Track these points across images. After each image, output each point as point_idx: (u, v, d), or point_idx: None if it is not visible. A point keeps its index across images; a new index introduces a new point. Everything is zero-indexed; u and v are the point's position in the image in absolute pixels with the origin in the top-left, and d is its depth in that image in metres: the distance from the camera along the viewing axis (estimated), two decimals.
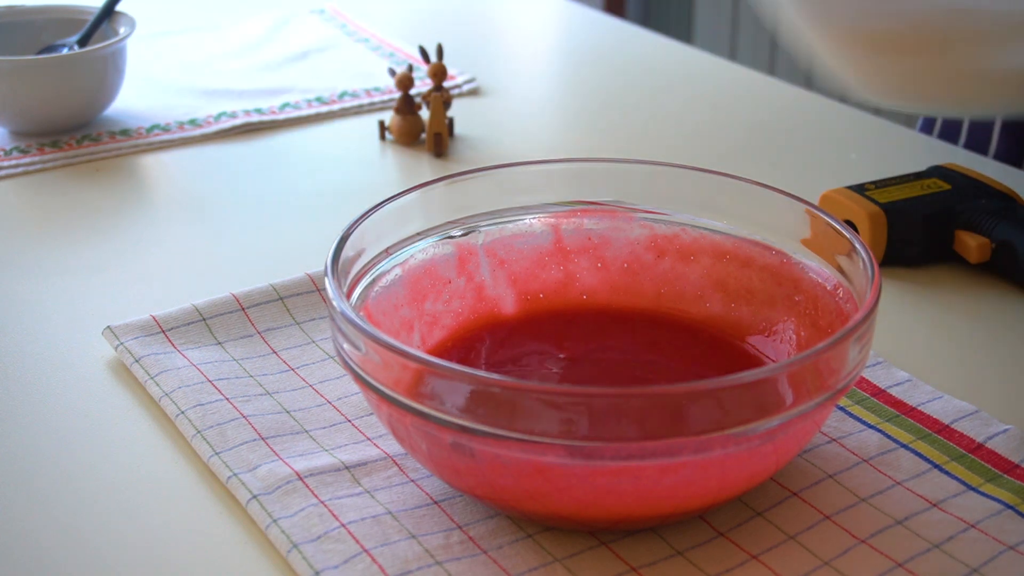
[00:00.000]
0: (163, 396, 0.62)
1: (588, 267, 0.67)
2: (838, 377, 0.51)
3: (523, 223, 0.66)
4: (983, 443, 0.58)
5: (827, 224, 0.60)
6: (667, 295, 0.66)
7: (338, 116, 1.02)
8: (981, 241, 0.74)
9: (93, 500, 0.57)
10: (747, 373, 0.48)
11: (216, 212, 0.86)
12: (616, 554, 0.52)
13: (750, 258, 0.64)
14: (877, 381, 0.63)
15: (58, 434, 0.61)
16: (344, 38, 1.19)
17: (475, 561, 0.52)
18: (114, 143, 0.95)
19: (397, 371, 0.50)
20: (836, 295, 0.59)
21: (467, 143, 0.96)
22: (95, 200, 0.87)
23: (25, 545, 0.54)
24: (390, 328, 0.60)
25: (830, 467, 0.57)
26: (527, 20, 1.36)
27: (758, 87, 1.12)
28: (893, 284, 0.75)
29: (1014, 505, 0.55)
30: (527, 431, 0.48)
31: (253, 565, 0.53)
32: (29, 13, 1.02)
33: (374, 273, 0.61)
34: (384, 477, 0.57)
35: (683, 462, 0.49)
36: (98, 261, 0.79)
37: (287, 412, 0.61)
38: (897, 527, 0.54)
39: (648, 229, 0.66)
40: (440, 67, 0.95)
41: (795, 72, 2.17)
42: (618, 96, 1.09)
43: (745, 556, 0.52)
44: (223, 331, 0.68)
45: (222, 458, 0.58)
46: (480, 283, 0.65)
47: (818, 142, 0.98)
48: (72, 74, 0.94)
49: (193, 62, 1.13)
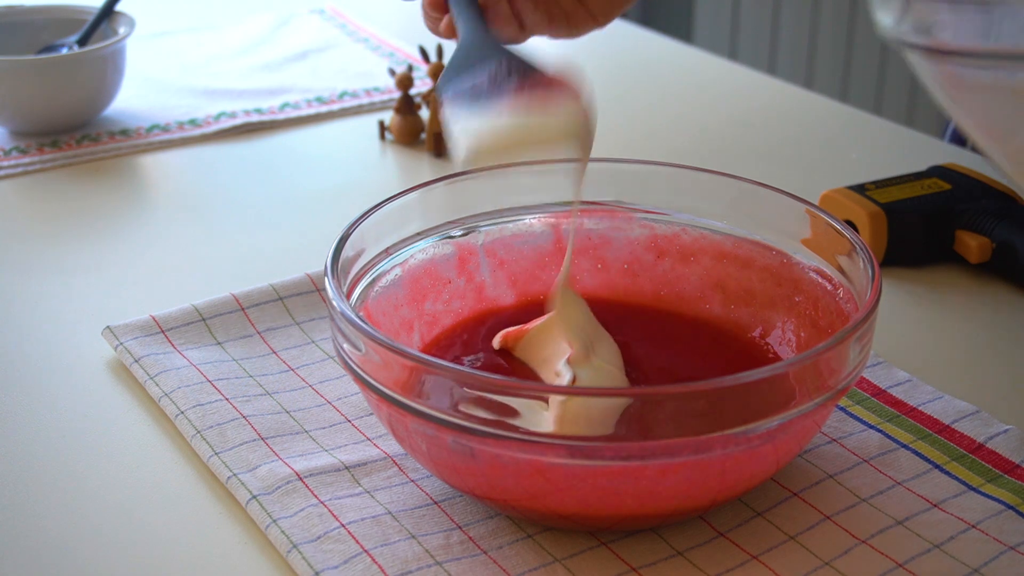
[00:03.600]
0: (163, 396, 0.62)
1: (588, 267, 0.67)
2: (838, 377, 0.51)
3: (523, 223, 0.66)
4: (983, 443, 0.58)
5: (827, 224, 0.60)
6: (667, 296, 0.66)
7: (338, 116, 1.02)
8: (981, 241, 0.74)
9: (93, 500, 0.57)
10: (747, 373, 0.48)
11: (216, 212, 0.86)
12: (616, 554, 0.52)
13: (750, 258, 0.64)
14: (877, 381, 0.63)
15: (58, 434, 0.61)
16: (344, 38, 1.19)
17: (475, 561, 0.52)
18: (114, 143, 0.95)
19: (397, 371, 0.50)
20: (836, 295, 0.59)
21: None
22: (95, 200, 0.87)
23: (25, 545, 0.54)
24: (390, 328, 0.60)
25: (830, 467, 0.57)
26: None
27: (758, 87, 1.11)
28: (893, 284, 0.75)
29: (1014, 505, 0.55)
30: (527, 431, 0.48)
31: (253, 565, 0.53)
32: (29, 13, 1.02)
33: (374, 273, 0.61)
34: (384, 477, 0.57)
35: (683, 462, 0.49)
36: (98, 261, 0.79)
37: (287, 412, 0.61)
38: (897, 527, 0.54)
39: (648, 229, 0.66)
40: (440, 67, 0.95)
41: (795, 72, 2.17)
42: (618, 96, 1.09)
43: (745, 556, 0.52)
44: (223, 331, 0.68)
45: (222, 458, 0.58)
46: (480, 283, 0.65)
47: (818, 142, 0.98)
48: (72, 74, 0.94)
49: (193, 62, 1.13)
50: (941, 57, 0.47)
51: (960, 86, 0.47)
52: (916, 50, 0.48)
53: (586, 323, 0.59)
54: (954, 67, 0.47)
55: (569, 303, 0.60)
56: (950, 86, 0.48)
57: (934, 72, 0.48)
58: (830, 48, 2.10)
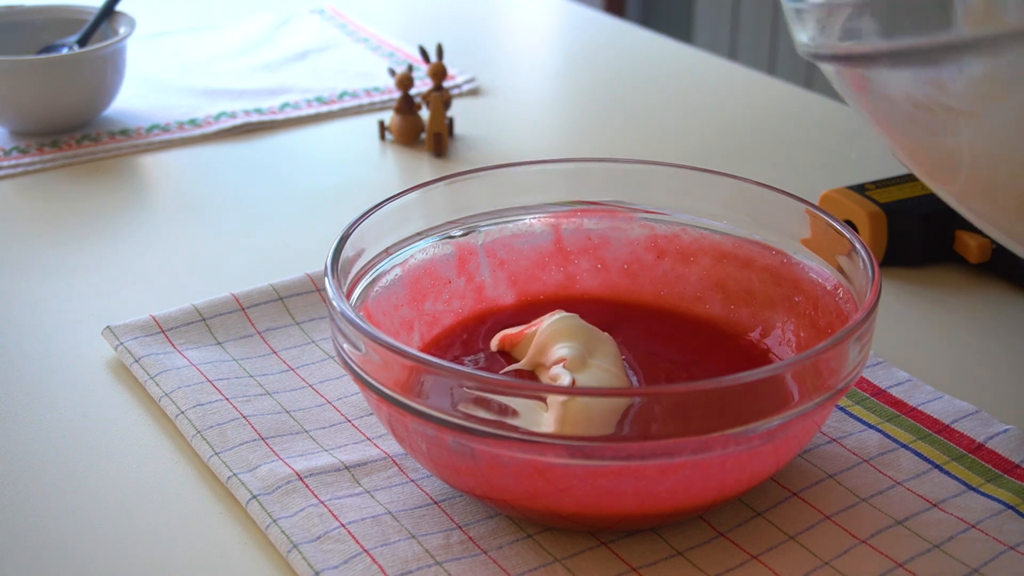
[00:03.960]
0: (163, 396, 0.62)
1: (588, 267, 0.67)
2: (838, 377, 0.51)
3: (523, 223, 0.66)
4: (983, 443, 0.58)
5: (827, 224, 0.60)
6: (667, 296, 0.66)
7: (338, 116, 1.02)
8: (981, 241, 0.74)
9: (93, 500, 0.57)
10: (747, 373, 0.48)
11: (216, 212, 0.86)
12: (616, 554, 0.52)
13: (750, 258, 0.64)
14: (877, 381, 0.63)
15: (58, 434, 0.61)
16: (344, 38, 1.19)
17: (475, 561, 0.52)
18: (114, 143, 0.95)
19: (397, 371, 0.50)
20: (836, 295, 0.59)
21: (467, 143, 0.96)
22: (95, 200, 0.87)
23: (25, 545, 0.54)
24: (390, 328, 0.60)
25: (830, 467, 0.57)
26: (527, 20, 1.36)
27: (758, 87, 1.12)
28: (893, 284, 0.75)
29: (1014, 505, 0.55)
30: (527, 431, 0.48)
31: (253, 565, 0.53)
32: (29, 13, 1.02)
33: (374, 273, 0.61)
34: (384, 477, 0.57)
35: (683, 462, 0.49)
36: (98, 261, 0.79)
37: (287, 412, 0.61)
38: (897, 527, 0.54)
39: (648, 229, 0.66)
40: (440, 67, 0.95)
41: (795, 72, 2.17)
42: (618, 96, 1.09)
43: (745, 556, 0.52)
44: (223, 331, 0.68)
45: (222, 458, 0.58)
46: (480, 283, 0.65)
47: (818, 142, 0.98)
48: (72, 74, 0.94)
49: (193, 62, 1.13)
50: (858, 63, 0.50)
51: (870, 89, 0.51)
52: (832, 61, 0.51)
53: (578, 332, 0.59)
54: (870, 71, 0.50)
55: (558, 320, 0.59)
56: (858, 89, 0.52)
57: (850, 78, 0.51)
58: None
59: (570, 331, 0.58)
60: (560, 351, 0.57)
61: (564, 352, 0.57)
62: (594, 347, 0.58)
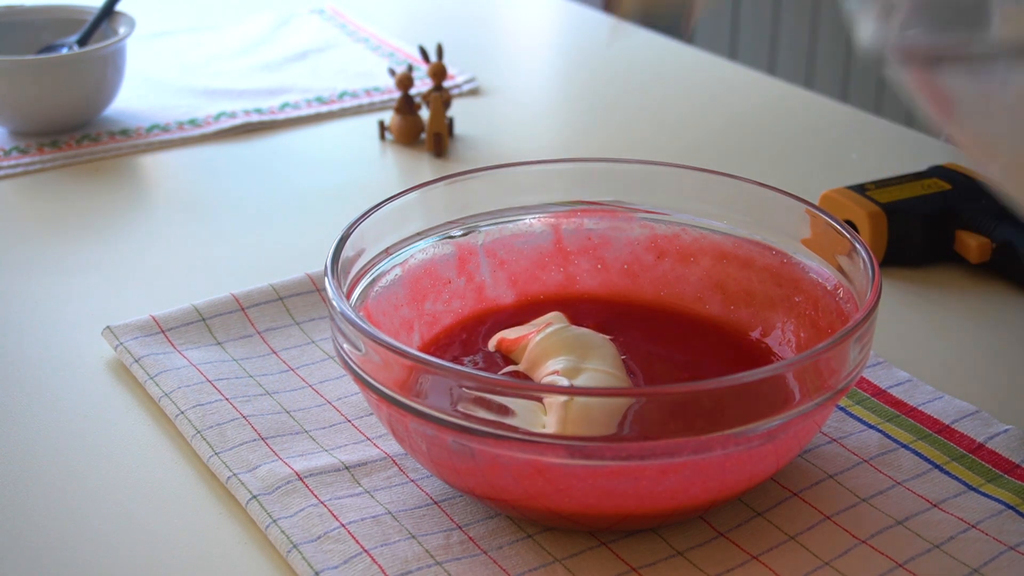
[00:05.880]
0: (163, 396, 0.62)
1: (588, 267, 0.67)
2: (838, 377, 0.51)
3: (523, 223, 0.66)
4: (983, 443, 0.58)
5: (827, 224, 0.60)
6: (667, 296, 0.66)
7: (338, 116, 1.02)
8: (981, 241, 0.74)
9: (93, 500, 0.57)
10: (747, 373, 0.48)
11: (216, 212, 0.86)
12: (616, 554, 0.52)
13: (750, 259, 0.64)
14: (877, 381, 0.63)
15: (58, 434, 0.61)
16: (344, 38, 1.19)
17: (475, 561, 0.52)
18: (114, 143, 0.95)
19: (397, 371, 0.50)
20: (836, 295, 0.59)
21: (467, 143, 0.96)
22: (95, 200, 0.87)
23: (25, 545, 0.54)
24: (390, 328, 0.60)
25: (830, 467, 0.57)
26: (527, 20, 1.36)
27: (758, 87, 1.11)
28: (893, 284, 0.75)
29: (1014, 505, 0.55)
30: (527, 431, 0.48)
31: (253, 565, 0.53)
32: (29, 13, 1.02)
33: (374, 273, 0.61)
34: (384, 477, 0.57)
35: (683, 462, 0.49)
36: (98, 261, 0.79)
37: (287, 412, 0.61)
38: (897, 527, 0.54)
39: (648, 229, 0.66)
40: (440, 67, 0.95)
41: (795, 72, 2.17)
42: (618, 96, 1.09)
43: (745, 556, 0.52)
44: (223, 331, 0.68)
45: (222, 458, 0.58)
46: (480, 283, 0.65)
47: (818, 142, 0.98)
48: (72, 74, 0.94)
49: (193, 62, 1.13)
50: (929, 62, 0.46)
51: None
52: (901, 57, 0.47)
53: (569, 343, 0.59)
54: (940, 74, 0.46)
55: (548, 334, 0.59)
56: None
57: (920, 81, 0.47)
58: (830, 48, 2.10)
59: (561, 344, 0.58)
60: (553, 365, 0.57)
61: (557, 366, 0.57)
62: (588, 355, 0.58)
